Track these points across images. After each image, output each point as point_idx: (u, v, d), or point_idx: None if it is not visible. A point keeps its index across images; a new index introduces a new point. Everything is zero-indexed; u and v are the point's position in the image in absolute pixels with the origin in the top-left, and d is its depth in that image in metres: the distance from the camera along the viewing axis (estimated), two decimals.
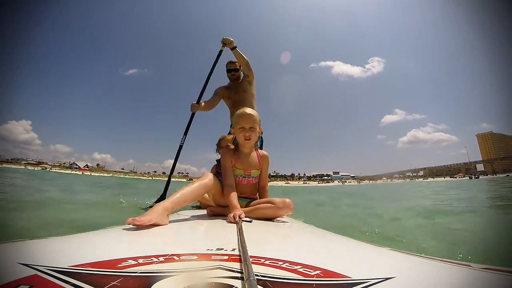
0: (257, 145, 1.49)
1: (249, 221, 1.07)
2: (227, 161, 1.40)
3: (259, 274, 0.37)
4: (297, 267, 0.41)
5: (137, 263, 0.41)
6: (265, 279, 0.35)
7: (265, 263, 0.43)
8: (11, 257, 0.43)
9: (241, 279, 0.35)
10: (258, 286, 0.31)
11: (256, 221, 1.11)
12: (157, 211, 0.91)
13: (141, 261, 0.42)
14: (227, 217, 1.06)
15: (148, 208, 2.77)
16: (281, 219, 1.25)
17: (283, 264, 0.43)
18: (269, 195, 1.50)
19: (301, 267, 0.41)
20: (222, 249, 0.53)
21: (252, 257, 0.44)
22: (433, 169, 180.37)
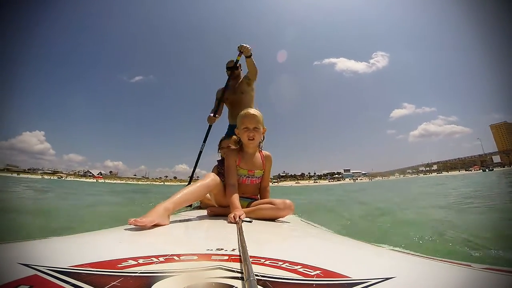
0: (260, 146, 1.49)
1: (249, 221, 1.07)
2: (231, 161, 1.39)
3: (259, 274, 0.37)
4: (297, 267, 0.41)
5: (137, 263, 0.41)
6: (265, 279, 0.35)
7: (265, 263, 0.43)
8: (11, 257, 0.43)
9: (241, 279, 0.35)
10: (258, 286, 0.31)
11: (256, 221, 1.11)
12: (158, 211, 0.91)
13: (141, 261, 0.42)
14: (227, 217, 1.06)
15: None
16: (281, 218, 1.25)
17: (283, 264, 0.43)
18: (270, 195, 1.51)
19: (301, 267, 0.41)
20: (222, 249, 0.53)
21: (252, 257, 0.44)
22: (447, 163, 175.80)
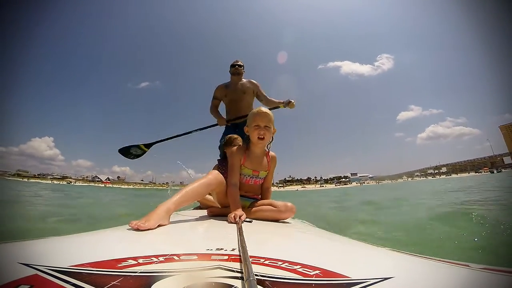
0: (269, 147, 1.47)
1: (249, 221, 1.07)
2: (236, 160, 1.36)
3: (259, 274, 0.37)
4: (296, 267, 0.41)
5: (137, 263, 0.41)
6: (265, 279, 0.35)
7: (264, 263, 0.43)
8: (11, 257, 0.43)
9: (241, 279, 0.35)
10: (258, 286, 0.31)
11: (256, 221, 1.11)
12: (160, 213, 0.89)
13: (141, 261, 0.42)
14: (227, 218, 1.06)
15: (130, 148, 2.87)
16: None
17: (283, 264, 0.43)
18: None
19: (300, 267, 0.41)
20: (222, 249, 0.53)
21: (252, 257, 0.44)
22: (456, 165, 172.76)
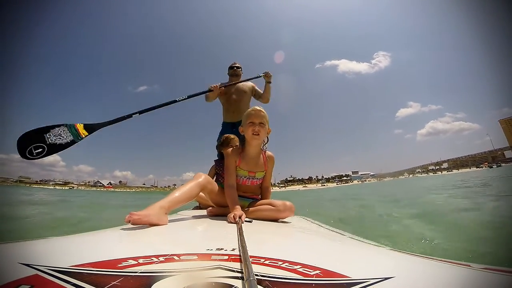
0: (264, 146, 1.47)
1: (249, 221, 1.08)
2: (231, 161, 1.37)
3: (259, 274, 0.37)
4: (296, 267, 0.41)
5: (137, 263, 0.41)
6: (265, 279, 0.35)
7: (265, 263, 0.43)
8: (11, 257, 0.43)
9: (241, 279, 0.35)
10: (258, 286, 0.31)
11: (256, 221, 1.11)
12: (153, 208, 0.92)
13: (141, 261, 0.42)
14: (227, 217, 1.06)
15: (61, 127, 2.50)
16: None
17: (283, 264, 0.43)
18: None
19: (300, 267, 0.41)
20: (222, 249, 0.53)
21: (252, 257, 0.44)
22: (457, 160, 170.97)
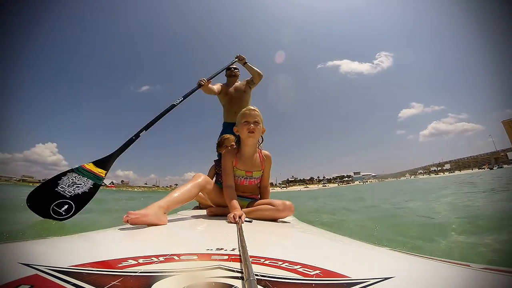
0: (260, 145, 1.49)
1: (249, 221, 1.08)
2: (227, 162, 1.39)
3: (259, 274, 0.37)
4: (296, 267, 0.41)
5: (137, 263, 0.41)
6: (265, 279, 0.35)
7: (265, 263, 0.43)
8: (11, 257, 0.43)
9: (241, 279, 0.35)
10: (258, 286, 0.31)
11: (256, 221, 1.11)
12: (152, 208, 0.93)
13: (141, 261, 0.42)
14: (227, 217, 1.06)
15: (71, 172, 2.42)
16: (281, 219, 1.25)
17: (283, 264, 0.43)
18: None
19: (300, 267, 0.41)
20: (222, 249, 0.53)
21: (252, 257, 0.44)
22: (459, 161, 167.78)
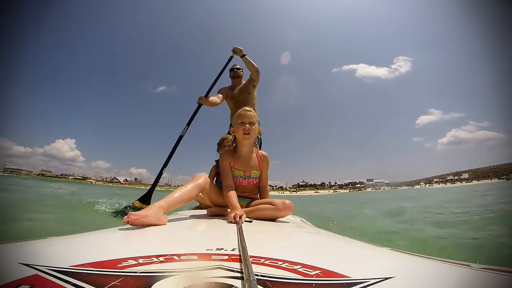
0: (256, 145, 1.50)
1: (249, 221, 1.08)
2: (225, 163, 1.40)
3: (259, 274, 0.37)
4: (297, 267, 0.41)
5: (137, 263, 0.41)
6: (265, 279, 0.35)
7: (265, 263, 0.43)
8: (11, 257, 0.43)
9: (241, 279, 0.35)
10: (258, 286, 0.31)
11: (256, 221, 1.11)
12: (152, 208, 0.93)
13: (141, 261, 0.42)
14: (227, 217, 1.06)
15: (124, 209, 2.68)
16: (281, 218, 1.25)
17: (283, 264, 0.43)
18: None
19: (301, 267, 0.41)
20: (222, 249, 0.53)
21: (252, 257, 0.44)
22: (478, 171, 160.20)
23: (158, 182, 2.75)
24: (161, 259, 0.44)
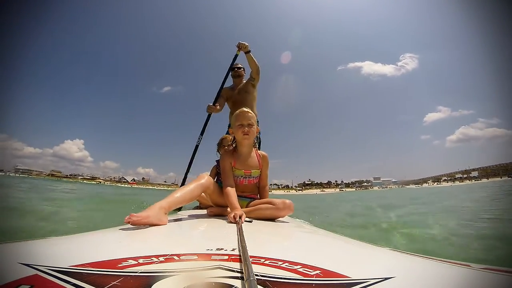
0: (255, 145, 1.51)
1: (250, 221, 1.08)
2: (226, 163, 1.41)
3: (259, 274, 0.37)
4: (297, 267, 0.41)
5: (137, 263, 0.41)
6: (265, 279, 0.35)
7: (265, 263, 0.43)
8: (11, 257, 0.43)
9: (241, 279, 0.35)
10: (258, 286, 0.31)
11: (256, 221, 1.12)
12: (153, 209, 0.93)
13: (141, 261, 0.42)
14: (227, 217, 1.06)
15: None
16: (281, 218, 1.25)
17: (283, 264, 0.43)
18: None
19: (301, 267, 0.41)
20: (222, 249, 0.53)
21: (252, 257, 0.44)
22: (487, 169, 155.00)
23: (184, 183, 2.90)
24: (161, 259, 0.44)
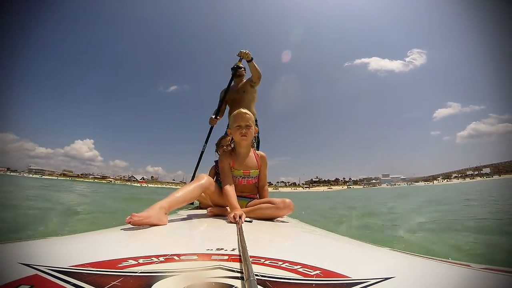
0: (253, 145, 1.51)
1: (250, 221, 1.08)
2: (225, 163, 1.41)
3: (259, 274, 0.37)
4: (297, 267, 0.41)
5: (137, 263, 0.41)
6: (265, 279, 0.35)
7: (265, 263, 0.43)
8: (11, 257, 0.43)
9: (241, 279, 0.35)
10: (258, 286, 0.31)
11: (256, 221, 1.12)
12: (153, 209, 0.93)
13: (141, 261, 0.42)
14: (227, 217, 1.06)
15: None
16: (281, 218, 1.25)
17: (283, 264, 0.43)
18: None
19: (301, 267, 0.41)
20: (222, 249, 0.53)
21: (252, 257, 0.44)
22: (499, 165, 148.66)
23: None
24: (161, 259, 0.44)
